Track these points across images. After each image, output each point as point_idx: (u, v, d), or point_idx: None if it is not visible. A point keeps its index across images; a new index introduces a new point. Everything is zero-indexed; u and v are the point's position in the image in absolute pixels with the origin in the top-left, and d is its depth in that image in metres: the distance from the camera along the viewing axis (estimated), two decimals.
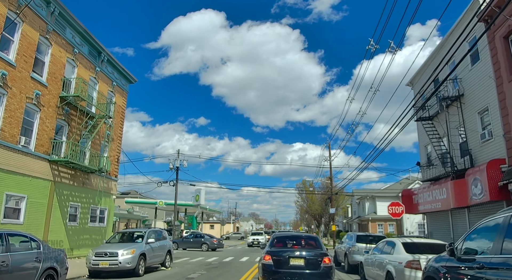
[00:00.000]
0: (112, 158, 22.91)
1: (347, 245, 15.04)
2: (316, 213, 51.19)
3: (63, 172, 18.26)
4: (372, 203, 44.97)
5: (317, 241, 10.02)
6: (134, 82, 25.69)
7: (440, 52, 19.53)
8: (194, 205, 42.06)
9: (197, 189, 42.26)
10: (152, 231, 14.67)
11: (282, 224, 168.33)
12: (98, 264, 12.26)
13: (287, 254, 8.81)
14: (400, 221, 43.30)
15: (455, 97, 16.99)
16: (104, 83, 22.25)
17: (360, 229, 48.68)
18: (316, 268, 8.54)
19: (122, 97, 24.45)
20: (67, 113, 18.57)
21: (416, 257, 8.06)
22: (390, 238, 11.01)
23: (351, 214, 59.76)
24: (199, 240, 31.86)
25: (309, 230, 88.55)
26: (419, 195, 20.06)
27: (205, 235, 33.89)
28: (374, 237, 14.96)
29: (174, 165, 38.53)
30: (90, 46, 20.79)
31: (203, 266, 17.07)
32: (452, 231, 17.86)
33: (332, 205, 39.63)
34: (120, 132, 24.10)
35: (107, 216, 22.27)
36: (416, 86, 22.57)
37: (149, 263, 13.64)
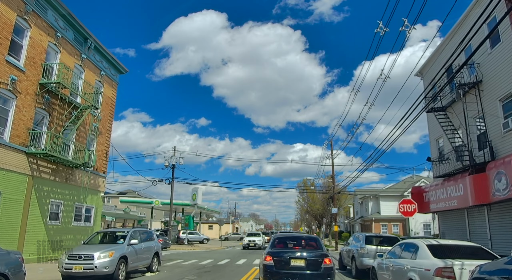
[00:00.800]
0: (100, 152, 21.36)
1: (355, 247, 13.46)
2: (317, 213, 49.55)
3: (42, 166, 16.71)
4: (375, 203, 43.37)
5: (317, 242, 9.94)
6: (125, 72, 24.15)
7: (453, 38, 18.01)
8: (191, 205, 40.46)
9: (194, 188, 40.64)
10: (136, 231, 13.09)
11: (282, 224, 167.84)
12: (71, 268, 10.69)
13: (288, 255, 8.81)
14: (405, 221, 41.74)
15: (473, 84, 15.44)
16: (91, 72, 20.71)
17: (363, 230, 47.06)
18: (316, 269, 8.54)
19: (111, 88, 22.90)
20: (47, 102, 17.02)
21: (449, 263, 6.49)
22: (409, 240, 9.44)
23: (353, 215, 58.14)
24: None
25: (310, 231, 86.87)
26: (431, 192, 18.49)
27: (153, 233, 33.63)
28: (385, 238, 13.40)
29: (170, 163, 37.00)
30: (75, 31, 19.25)
31: (195, 269, 15.50)
32: (468, 232, 16.28)
33: (334, 204, 38.03)
34: (109, 125, 22.55)
35: (94, 215, 20.70)
36: (426, 76, 21.01)
37: (131, 267, 12.08)
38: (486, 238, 14.65)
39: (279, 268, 8.58)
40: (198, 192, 39.64)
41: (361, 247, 12.73)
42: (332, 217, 41.01)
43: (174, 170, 37.16)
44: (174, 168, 37.17)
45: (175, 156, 37.18)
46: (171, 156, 37.06)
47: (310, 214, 56.81)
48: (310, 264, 8.59)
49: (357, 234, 14.79)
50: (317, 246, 9.67)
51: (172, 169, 37.08)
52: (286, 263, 8.63)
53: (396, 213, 42.18)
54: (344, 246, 16.29)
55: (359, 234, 14.52)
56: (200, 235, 49.25)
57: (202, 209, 51.82)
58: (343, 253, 15.43)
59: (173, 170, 37.13)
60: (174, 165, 37.14)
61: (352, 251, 13.63)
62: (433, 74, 19.93)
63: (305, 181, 53.78)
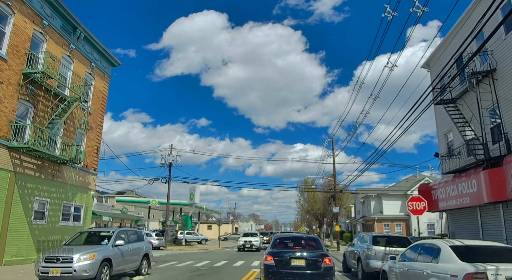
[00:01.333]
0: (90, 149, 20.30)
1: (361, 248, 12.40)
2: (318, 212, 48.49)
3: (26, 161, 15.64)
4: (378, 202, 42.30)
5: (317, 242, 10.00)
6: (118, 65, 23.09)
7: (462, 27, 16.96)
8: (189, 205, 39.36)
9: (192, 187, 39.57)
10: (122, 231, 12.03)
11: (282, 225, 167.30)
12: (47, 272, 9.65)
13: (289, 255, 8.92)
14: (408, 221, 40.69)
15: (486, 72, 14.38)
16: (81, 63, 19.66)
17: (365, 230, 45.98)
18: (317, 268, 8.65)
19: (103, 81, 21.84)
20: (32, 93, 15.95)
21: (480, 268, 5.44)
22: (427, 240, 8.39)
23: (354, 214, 57.08)
24: None
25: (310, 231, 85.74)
26: (440, 190, 17.42)
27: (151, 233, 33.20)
28: (394, 239, 12.37)
29: (167, 161, 35.96)
30: (63, 20, 18.20)
31: (189, 272, 14.45)
32: (481, 231, 15.21)
33: (336, 204, 36.97)
34: (101, 120, 21.49)
35: (83, 214, 19.63)
36: (434, 68, 19.95)
37: (117, 271, 11.02)
38: (502, 237, 13.58)
39: (280, 268, 8.68)
40: (196, 191, 38.58)
41: (368, 248, 11.67)
42: (333, 217, 39.95)
43: (171, 169, 36.11)
44: (171, 167, 36.12)
45: (172, 154, 36.13)
46: (168, 154, 36.02)
47: (311, 214, 55.75)
48: (310, 264, 8.69)
49: (363, 234, 13.74)
50: (317, 246, 9.74)
51: (169, 168, 36.03)
52: (287, 263, 8.73)
53: (399, 212, 41.17)
54: (348, 246, 15.23)
55: (365, 234, 13.47)
56: (198, 235, 48.20)
57: (201, 209, 50.78)
58: (348, 255, 14.36)
59: (170, 168, 36.08)
60: (171, 163, 36.09)
61: (357, 252, 12.57)
62: (441, 65, 18.89)
63: (306, 180, 52.72)
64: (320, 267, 8.62)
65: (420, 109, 12.69)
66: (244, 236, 33.81)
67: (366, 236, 12.86)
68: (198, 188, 38.95)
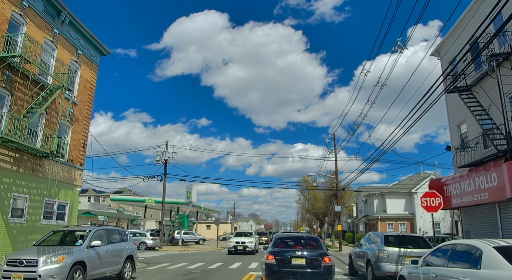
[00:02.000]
0: (76, 142, 18.92)
1: (370, 250, 11.03)
2: (319, 211, 47.11)
3: (2, 154, 14.25)
4: (381, 201, 40.92)
5: (317, 242, 10.15)
6: (107, 54, 21.70)
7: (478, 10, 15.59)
8: (186, 203, 38.00)
9: (189, 186, 38.23)
10: (100, 229, 10.65)
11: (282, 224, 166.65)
12: (9, 276, 8.31)
13: (289, 254, 9.11)
14: (413, 220, 39.32)
15: (507, 54, 13.01)
16: (66, 50, 18.28)
17: (368, 229, 44.62)
18: (317, 267, 8.85)
19: (90, 70, 20.46)
20: (9, 80, 14.56)
21: None
22: (461, 240, 7.02)
23: (356, 214, 55.71)
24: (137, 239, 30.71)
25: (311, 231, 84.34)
26: (453, 185, 16.05)
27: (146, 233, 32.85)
28: (408, 239, 11.02)
29: (162, 158, 34.58)
30: (46, 2, 16.82)
31: (179, 276, 13.08)
32: (501, 230, 13.84)
33: (338, 202, 35.62)
34: (88, 112, 20.10)
35: (68, 212, 18.26)
36: (446, 55, 18.59)
37: (93, 275, 9.65)
38: None
39: (281, 267, 8.88)
40: (192, 190, 37.25)
41: (380, 250, 10.30)
42: (335, 216, 38.57)
43: (166, 166, 34.74)
44: (166, 164, 34.76)
45: (167, 151, 34.77)
46: (163, 150, 34.64)
47: (312, 213, 54.40)
48: (311, 263, 8.88)
49: (371, 234, 12.37)
50: (317, 245, 9.89)
51: (165, 165, 34.67)
52: (288, 262, 8.93)
53: (403, 211, 39.80)
54: (355, 247, 13.86)
55: (374, 233, 12.11)
56: (196, 235, 46.86)
57: (199, 208, 49.42)
58: (355, 256, 12.99)
59: (166, 165, 34.71)
60: (166, 160, 34.72)
61: (367, 254, 11.20)
62: (453, 52, 17.56)
63: (306, 179, 51.27)
64: (320, 266, 8.82)
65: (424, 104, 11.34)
66: (236, 236, 28.62)
67: (376, 236, 11.51)
68: (195, 187, 37.62)
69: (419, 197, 40.42)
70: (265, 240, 39.25)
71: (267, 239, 39.58)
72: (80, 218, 51.42)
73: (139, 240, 31.78)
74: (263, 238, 39.81)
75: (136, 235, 32.36)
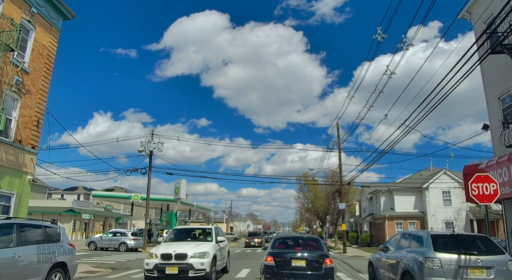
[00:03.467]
0: (26, 119, 15.38)
1: (410, 257, 7.53)
2: (320, 210, 43.63)
3: None
4: (388, 198, 37.45)
5: (318, 242, 9.84)
6: (71, 17, 18.14)
7: None
8: (174, 200, 34.45)
9: (177, 181, 34.74)
10: (7, 225, 7.09)
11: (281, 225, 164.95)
12: None
13: (289, 255, 8.84)
14: (424, 218, 35.90)
15: None
16: (15, 5, 14.72)
17: (373, 229, 41.20)
18: (317, 269, 8.58)
19: (49, 35, 16.91)
20: None
21: None
22: None
23: (359, 212, 52.27)
24: (118, 239, 28.35)
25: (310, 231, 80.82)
26: (498, 171, 12.59)
27: (127, 233, 29.19)
28: (467, 240, 7.50)
29: (147, 149, 31.04)
30: None
31: None
32: None
33: (342, 199, 32.13)
34: (44, 85, 16.55)
35: (14, 205, 14.70)
36: (482, 15, 15.14)
37: None
38: None
39: (280, 269, 8.65)
40: (181, 185, 33.73)
41: (427, 257, 6.82)
42: (338, 214, 35.10)
43: (151, 158, 31.22)
44: (151, 155, 31.23)
45: (152, 141, 31.24)
46: (148, 141, 31.10)
47: (312, 212, 50.89)
48: (311, 265, 8.63)
49: (408, 234, 8.82)
50: (317, 246, 9.61)
51: (150, 157, 31.14)
52: (287, 264, 8.68)
53: (413, 209, 36.35)
54: (378, 252, 10.35)
55: (413, 233, 8.61)
56: None
57: (191, 206, 45.83)
58: (379, 266, 9.49)
59: (151, 157, 31.18)
60: (152, 151, 31.20)
61: (402, 263, 7.70)
62: (492, 8, 14.19)
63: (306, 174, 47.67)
64: (321, 268, 8.58)
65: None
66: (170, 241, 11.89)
67: (415, 236, 8.01)
68: (183, 182, 34.10)
69: (430, 193, 37.12)
70: (257, 242, 35.45)
71: (260, 241, 35.78)
72: (62, 216, 47.98)
73: (119, 240, 28.30)
74: (256, 240, 35.97)
75: (116, 235, 28.90)
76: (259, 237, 36.68)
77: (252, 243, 34.82)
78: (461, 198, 35.50)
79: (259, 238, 36.53)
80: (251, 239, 35.70)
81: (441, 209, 34.80)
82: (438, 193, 35.07)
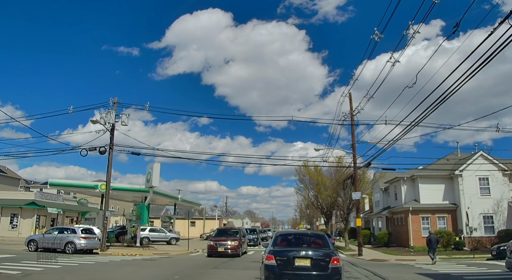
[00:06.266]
0: None
1: None
2: (326, 202, 36.83)
3: None
4: (411, 187, 30.59)
5: (324, 240, 9.18)
6: None
7: None
8: (143, 190, 27.54)
9: (150, 165, 27.89)
10: None
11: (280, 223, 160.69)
12: None
13: (292, 254, 8.22)
14: (455, 212, 29.09)
15: None
16: None
17: (391, 225, 34.36)
18: (323, 269, 7.95)
19: None
20: None
21: None
22: None
23: (368, 207, 45.44)
24: (63, 237, 21.57)
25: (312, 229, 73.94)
26: None
27: (76, 230, 22.08)
28: None
29: (107, 122, 24.17)
30: None
31: None
32: None
33: (356, 187, 25.33)
34: None
35: None
36: None
37: None
38: None
39: (282, 269, 8.01)
40: (154, 170, 26.86)
41: None
42: (353, 205, 28.26)
43: (113, 133, 24.39)
44: (113, 130, 24.40)
45: (114, 112, 24.38)
46: (108, 111, 24.22)
47: (315, 206, 44.02)
48: (317, 264, 8.00)
49: None
50: (323, 244, 8.95)
51: (111, 132, 24.30)
52: (290, 263, 8.06)
53: (443, 200, 29.45)
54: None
55: None
56: (166, 233, 36.53)
57: (173, 199, 38.98)
58: None
59: (112, 133, 24.37)
60: (113, 125, 24.35)
61: None
62: None
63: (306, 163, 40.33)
64: (327, 267, 7.91)
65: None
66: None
67: None
68: (157, 166, 27.24)
69: (465, 181, 30.15)
70: (231, 247, 20.44)
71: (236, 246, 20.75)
72: (24, 210, 40.94)
73: (65, 240, 21.46)
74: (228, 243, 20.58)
75: (63, 232, 22.06)
76: (234, 239, 21.05)
77: (221, 249, 20.34)
78: (504, 186, 28.80)
79: (235, 239, 21.00)
80: (220, 242, 20.75)
81: (477, 200, 27.95)
82: (474, 180, 28.23)
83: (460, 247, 26.10)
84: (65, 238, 21.60)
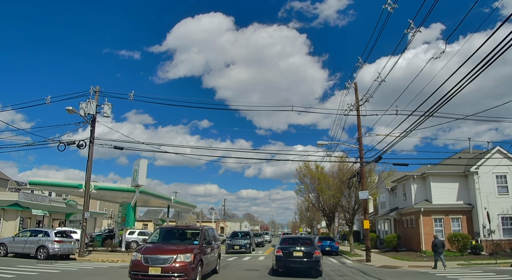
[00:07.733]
0: None
1: None
2: (329, 203, 34.38)
3: None
4: (422, 186, 28.15)
5: (311, 240, 14.91)
6: None
7: None
8: (129, 190, 25.06)
9: (136, 162, 25.45)
10: None
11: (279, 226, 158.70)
12: None
13: (291, 248, 13.58)
14: (471, 213, 26.64)
15: None
16: None
17: (399, 228, 31.85)
18: (310, 257, 13.30)
19: None
20: None
21: None
22: None
23: (373, 209, 42.94)
24: (35, 241, 19.20)
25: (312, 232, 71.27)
26: None
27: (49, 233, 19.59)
28: None
29: (87, 112, 21.76)
30: None
31: None
32: None
33: (363, 186, 22.88)
34: None
35: None
36: None
37: None
38: None
39: (286, 257, 13.31)
40: (140, 167, 24.33)
41: None
42: (362, 206, 25.78)
43: (94, 125, 21.96)
44: (94, 122, 21.97)
45: (96, 102, 21.98)
46: (88, 100, 21.82)
47: (316, 207, 41.56)
48: (306, 255, 13.35)
49: None
50: (311, 243, 14.35)
51: (92, 123, 21.88)
52: (290, 254, 13.37)
53: (457, 200, 27.04)
54: None
55: None
56: None
57: (166, 200, 36.41)
58: None
59: (94, 124, 21.92)
60: (94, 116, 21.94)
61: None
62: None
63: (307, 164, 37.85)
64: (312, 256, 13.25)
65: None
66: None
67: None
68: (143, 162, 24.77)
69: (481, 179, 27.76)
70: (173, 266, 9.75)
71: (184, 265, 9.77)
72: (6, 212, 38.30)
73: (37, 244, 19.00)
74: (171, 258, 9.84)
75: (37, 235, 19.61)
76: (186, 249, 10.50)
77: (154, 272, 9.76)
78: None
79: (187, 250, 10.37)
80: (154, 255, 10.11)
81: (494, 200, 25.51)
82: (491, 178, 25.82)
83: (477, 252, 23.63)
84: (37, 242, 19.13)
